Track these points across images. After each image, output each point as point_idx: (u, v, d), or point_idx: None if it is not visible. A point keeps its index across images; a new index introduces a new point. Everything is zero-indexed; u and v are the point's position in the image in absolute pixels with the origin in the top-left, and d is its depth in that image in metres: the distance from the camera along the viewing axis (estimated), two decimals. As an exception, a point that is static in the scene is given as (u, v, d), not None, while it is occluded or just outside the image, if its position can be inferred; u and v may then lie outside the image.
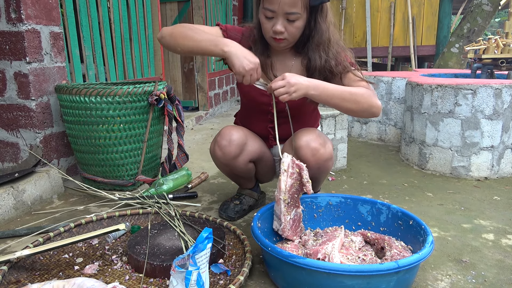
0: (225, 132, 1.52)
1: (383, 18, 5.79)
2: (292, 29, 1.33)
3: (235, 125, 1.57)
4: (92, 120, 1.89)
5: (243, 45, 1.33)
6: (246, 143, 1.53)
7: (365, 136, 3.26)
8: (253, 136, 1.59)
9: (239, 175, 1.64)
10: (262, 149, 1.61)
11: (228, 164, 1.55)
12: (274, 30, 1.32)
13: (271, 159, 1.68)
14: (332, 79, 1.41)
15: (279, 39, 1.35)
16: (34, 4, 1.91)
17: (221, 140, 1.51)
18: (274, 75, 1.46)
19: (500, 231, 1.59)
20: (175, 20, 4.15)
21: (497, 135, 2.19)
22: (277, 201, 1.30)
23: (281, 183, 1.27)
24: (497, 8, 4.89)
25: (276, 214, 1.33)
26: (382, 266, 1.00)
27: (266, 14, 1.32)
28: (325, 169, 1.48)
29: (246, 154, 1.53)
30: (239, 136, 1.51)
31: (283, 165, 1.27)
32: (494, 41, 2.68)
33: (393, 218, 1.39)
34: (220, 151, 1.52)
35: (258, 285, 1.21)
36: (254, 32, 1.47)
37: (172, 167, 2.15)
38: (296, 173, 1.27)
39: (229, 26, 1.51)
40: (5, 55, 1.91)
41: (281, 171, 1.27)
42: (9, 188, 1.70)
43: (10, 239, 1.52)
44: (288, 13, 1.28)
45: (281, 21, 1.31)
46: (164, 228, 1.44)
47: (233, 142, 1.49)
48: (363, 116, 1.37)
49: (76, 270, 1.25)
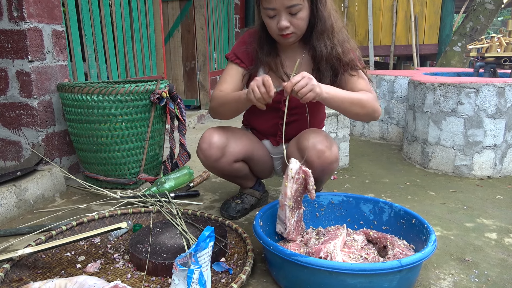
0: (206, 135, 1.51)
1: (385, 17, 5.77)
2: (297, 22, 1.32)
3: (218, 127, 1.55)
4: (94, 118, 1.89)
5: (251, 53, 1.42)
6: (227, 145, 1.51)
7: (367, 135, 3.25)
8: (237, 136, 1.56)
9: (229, 175, 1.63)
10: (249, 148, 1.58)
11: (212, 166, 1.55)
12: (279, 26, 1.32)
13: (264, 157, 1.66)
14: (339, 69, 1.41)
15: (286, 35, 1.34)
16: (36, 2, 1.91)
17: (202, 143, 1.50)
18: (284, 72, 1.46)
19: (503, 230, 1.58)
20: (177, 19, 4.15)
21: (500, 134, 2.18)
22: (282, 206, 1.28)
23: (286, 189, 1.25)
24: (500, 7, 4.87)
25: (280, 218, 1.32)
26: (384, 265, 1.00)
27: (268, 14, 1.32)
28: (329, 171, 1.47)
29: (228, 155, 1.51)
30: (219, 138, 1.49)
31: (291, 172, 1.24)
32: (497, 39, 2.67)
33: (395, 217, 1.38)
34: (202, 154, 1.51)
35: (260, 283, 1.20)
36: (258, 34, 1.47)
37: (174, 165, 2.15)
38: (302, 178, 1.26)
39: (235, 48, 1.53)
40: (7, 53, 1.92)
41: (287, 177, 1.24)
42: (11, 187, 1.70)
43: (12, 237, 1.52)
44: (289, 6, 1.28)
45: (284, 16, 1.30)
46: (166, 227, 1.44)
47: (213, 145, 1.48)
48: (365, 120, 1.42)
49: (78, 268, 1.25)
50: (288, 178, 1.24)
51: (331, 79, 1.44)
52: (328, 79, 1.43)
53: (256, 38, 1.48)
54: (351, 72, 1.43)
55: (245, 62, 1.50)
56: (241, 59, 1.50)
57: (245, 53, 1.50)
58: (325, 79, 1.43)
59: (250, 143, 1.60)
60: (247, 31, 1.56)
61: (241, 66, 1.51)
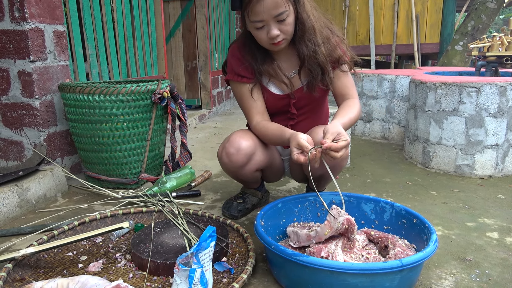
0: (234, 140, 1.46)
1: (387, 16, 5.76)
2: (285, 28, 1.32)
3: (246, 131, 1.52)
4: (96, 118, 1.89)
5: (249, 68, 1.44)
6: (254, 153, 1.48)
7: (369, 135, 3.25)
8: (263, 144, 1.53)
9: (244, 180, 1.62)
10: (271, 157, 1.58)
11: (235, 172, 1.52)
12: (270, 36, 1.30)
13: (279, 165, 1.65)
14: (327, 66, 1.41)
15: (278, 42, 1.33)
16: (38, 3, 1.91)
17: (229, 147, 1.46)
18: (284, 74, 1.46)
19: (504, 229, 1.58)
20: (178, 18, 4.16)
21: (501, 133, 2.18)
22: (308, 238, 1.24)
23: (323, 236, 1.19)
24: (502, 5, 4.86)
25: (297, 235, 1.29)
26: (385, 264, 1.00)
27: (256, 26, 1.31)
28: (338, 169, 1.48)
29: (253, 163, 1.49)
30: (248, 145, 1.45)
31: (336, 223, 1.16)
32: (498, 38, 2.66)
33: (396, 216, 1.38)
34: (227, 159, 1.47)
35: (261, 283, 1.21)
36: (247, 45, 1.45)
37: (175, 165, 2.15)
38: (344, 229, 1.19)
39: (233, 68, 1.48)
40: (9, 54, 1.92)
41: (330, 226, 1.17)
42: (13, 187, 1.71)
43: (14, 237, 1.53)
44: (276, 15, 1.27)
45: (273, 25, 1.29)
46: (168, 226, 1.44)
47: (241, 151, 1.44)
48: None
49: (80, 268, 1.26)
50: (330, 227, 1.17)
51: (320, 76, 1.44)
52: (319, 77, 1.43)
53: (247, 51, 1.46)
54: (342, 67, 1.45)
55: (249, 77, 1.48)
56: (246, 76, 1.47)
57: (245, 68, 1.47)
58: (316, 77, 1.43)
59: (272, 151, 1.59)
60: (234, 45, 1.51)
61: (249, 83, 1.48)
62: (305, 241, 1.25)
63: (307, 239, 1.24)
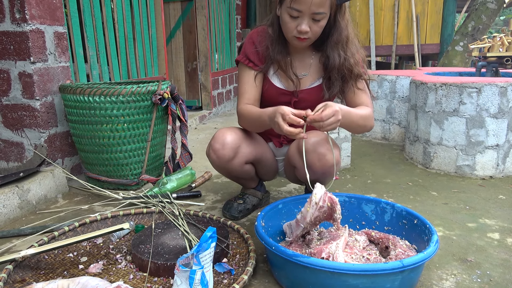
0: (219, 135, 1.50)
1: (387, 17, 5.77)
2: (316, 29, 1.32)
3: (231, 127, 1.55)
4: (96, 119, 1.89)
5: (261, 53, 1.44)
6: (240, 146, 1.50)
7: (369, 135, 3.25)
8: (249, 138, 1.56)
9: (237, 176, 1.63)
10: (259, 151, 1.58)
11: (224, 167, 1.54)
12: (299, 30, 1.31)
13: (271, 160, 1.66)
14: (349, 80, 1.42)
15: (303, 39, 1.34)
16: (38, 4, 1.92)
17: (215, 143, 1.49)
18: (294, 73, 1.46)
19: (505, 230, 1.58)
20: (179, 19, 4.16)
21: (502, 133, 2.17)
22: (297, 224, 1.26)
23: (307, 215, 1.21)
24: (502, 6, 4.86)
25: (290, 227, 1.31)
26: (386, 265, 1.00)
27: (291, 14, 1.30)
28: (330, 175, 1.47)
29: (240, 156, 1.51)
30: (232, 139, 1.48)
31: (315, 197, 1.19)
32: (499, 39, 2.66)
33: (397, 217, 1.38)
34: (214, 154, 1.50)
35: (262, 284, 1.20)
36: (269, 31, 1.46)
37: (175, 166, 2.15)
38: (327, 207, 1.20)
39: (245, 50, 1.50)
40: (10, 55, 1.92)
41: (310, 202, 1.20)
42: (14, 188, 1.71)
43: (15, 238, 1.53)
44: (315, 13, 1.27)
45: (306, 21, 1.29)
46: (168, 227, 1.44)
47: (226, 145, 1.47)
48: (359, 133, 1.47)
49: (80, 269, 1.26)
50: (311, 204, 1.20)
51: (340, 88, 1.45)
52: (337, 89, 1.45)
53: (266, 36, 1.46)
54: (358, 84, 1.45)
55: (257, 64, 1.49)
56: (253, 62, 1.49)
57: (255, 54, 1.48)
58: (334, 88, 1.44)
59: (260, 146, 1.60)
60: (255, 29, 1.53)
61: (255, 69, 1.50)
62: (296, 229, 1.27)
63: (297, 225, 1.26)
